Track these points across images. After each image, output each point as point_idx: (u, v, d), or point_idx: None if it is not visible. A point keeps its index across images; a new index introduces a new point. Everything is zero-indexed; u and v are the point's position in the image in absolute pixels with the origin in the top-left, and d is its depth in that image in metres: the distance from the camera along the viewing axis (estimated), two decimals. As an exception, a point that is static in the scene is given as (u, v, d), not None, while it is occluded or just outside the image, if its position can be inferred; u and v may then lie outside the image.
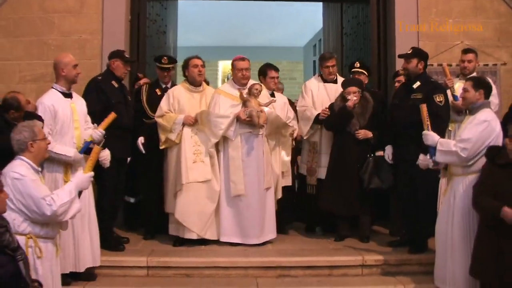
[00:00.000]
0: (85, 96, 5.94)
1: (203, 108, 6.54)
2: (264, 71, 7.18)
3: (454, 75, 6.72)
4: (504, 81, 7.60)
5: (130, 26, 7.64)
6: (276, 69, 7.21)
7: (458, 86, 6.41)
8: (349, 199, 6.49)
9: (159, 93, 6.85)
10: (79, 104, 5.61)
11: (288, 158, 6.93)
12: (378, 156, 6.49)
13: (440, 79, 6.86)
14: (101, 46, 7.29)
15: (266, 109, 6.41)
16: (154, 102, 6.73)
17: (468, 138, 4.90)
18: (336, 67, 7.03)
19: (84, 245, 5.42)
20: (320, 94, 6.94)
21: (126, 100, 6.34)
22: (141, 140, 6.70)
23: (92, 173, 4.54)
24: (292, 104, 7.36)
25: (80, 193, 4.43)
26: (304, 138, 6.96)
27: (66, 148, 5.31)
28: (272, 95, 6.99)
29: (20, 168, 4.07)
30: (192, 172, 6.33)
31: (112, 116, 5.57)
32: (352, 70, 7.19)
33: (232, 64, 6.79)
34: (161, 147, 6.53)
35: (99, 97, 6.04)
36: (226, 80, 19.17)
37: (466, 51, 6.76)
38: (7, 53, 7.45)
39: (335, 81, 6.97)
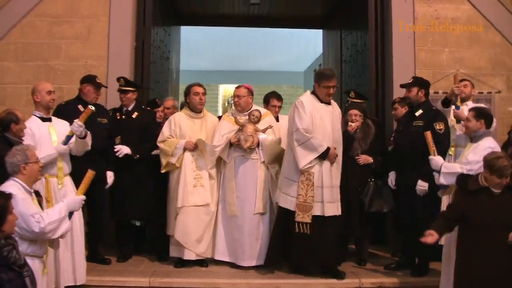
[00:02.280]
0: None
1: (203, 133, 6.69)
2: (267, 99, 7.34)
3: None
4: (498, 109, 7.78)
5: (135, 53, 7.82)
6: (279, 98, 7.31)
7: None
8: (350, 221, 6.54)
9: (118, 117, 6.84)
10: (58, 126, 5.75)
11: None
12: (379, 180, 6.63)
13: (438, 106, 7.03)
14: (107, 72, 7.45)
15: (263, 135, 6.56)
16: (115, 126, 6.75)
17: (474, 160, 5.19)
18: (336, 87, 6.20)
19: (64, 263, 5.43)
20: (319, 117, 6.02)
21: (92, 123, 6.26)
22: (109, 175, 6.67)
23: (84, 197, 4.69)
24: None
25: (71, 214, 4.57)
26: (302, 168, 5.97)
27: (46, 151, 5.46)
28: (276, 119, 7.12)
29: (11, 188, 4.15)
30: (192, 196, 6.47)
31: (88, 109, 5.70)
32: (348, 99, 7.29)
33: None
34: (162, 171, 6.65)
35: None
36: (226, 104, 19.31)
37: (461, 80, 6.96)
38: (15, 76, 7.61)
39: (329, 103, 6.22)
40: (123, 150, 6.59)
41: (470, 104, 6.70)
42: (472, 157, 5.23)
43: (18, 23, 7.67)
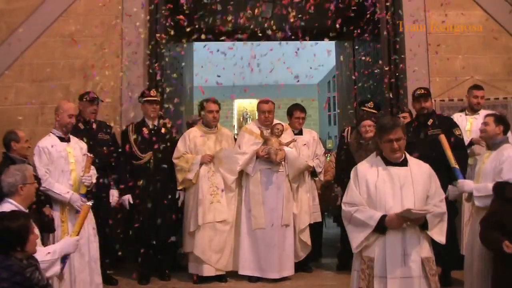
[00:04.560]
0: None
1: (218, 148, 6.71)
2: (291, 111, 7.33)
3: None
4: (515, 115, 7.69)
5: (148, 70, 7.82)
6: (302, 110, 7.31)
7: (471, 122, 6.58)
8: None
9: (146, 131, 6.64)
10: (76, 148, 5.69)
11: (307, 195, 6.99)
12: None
13: (452, 114, 6.98)
14: (121, 90, 7.51)
15: (287, 148, 6.59)
16: (142, 142, 6.62)
17: (509, 178, 4.92)
18: (404, 139, 4.37)
19: (81, 284, 5.39)
20: (381, 184, 4.33)
21: (94, 140, 6.31)
22: (112, 193, 6.52)
23: (78, 238, 4.45)
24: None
25: (65, 257, 4.33)
26: (355, 252, 4.35)
27: (65, 189, 5.41)
28: (300, 132, 7.19)
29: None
30: (210, 213, 6.47)
31: (89, 158, 5.63)
32: (363, 108, 7.18)
33: (257, 106, 7.03)
34: (178, 188, 6.66)
35: None
36: (241, 119, 19.34)
37: (478, 87, 6.88)
38: (30, 97, 7.64)
39: (403, 163, 4.38)
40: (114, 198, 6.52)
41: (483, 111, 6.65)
42: (507, 174, 4.97)
43: (32, 44, 7.75)
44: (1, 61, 7.75)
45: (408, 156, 4.45)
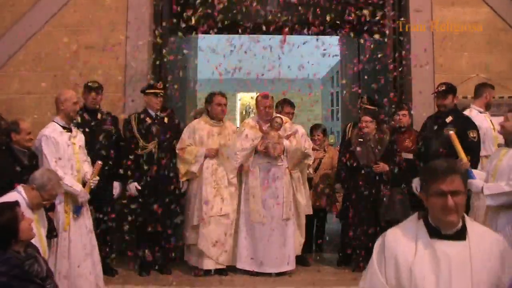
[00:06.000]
0: None
1: (222, 140, 6.69)
2: (281, 107, 7.35)
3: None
4: (520, 113, 7.63)
5: (152, 61, 7.80)
6: (292, 105, 7.36)
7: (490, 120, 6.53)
8: (367, 230, 6.48)
9: (149, 121, 6.62)
10: (77, 138, 5.72)
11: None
12: (393, 189, 6.53)
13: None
14: (124, 81, 7.47)
15: (286, 141, 6.56)
16: (146, 131, 6.58)
17: None
18: (465, 194, 2.77)
19: (84, 274, 5.41)
20: (420, 268, 2.72)
21: (95, 128, 6.32)
22: (116, 185, 6.56)
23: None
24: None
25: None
26: None
27: (75, 182, 5.45)
28: None
29: (10, 199, 4.14)
30: (213, 207, 6.45)
31: (98, 165, 5.69)
32: (361, 105, 7.19)
33: (256, 100, 6.98)
34: (181, 179, 6.64)
35: None
36: (244, 112, 19.32)
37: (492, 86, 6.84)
38: (33, 86, 7.60)
39: (459, 234, 2.74)
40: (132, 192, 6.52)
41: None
42: None
43: (36, 33, 7.71)
44: (4, 50, 7.70)
45: (468, 221, 2.82)
